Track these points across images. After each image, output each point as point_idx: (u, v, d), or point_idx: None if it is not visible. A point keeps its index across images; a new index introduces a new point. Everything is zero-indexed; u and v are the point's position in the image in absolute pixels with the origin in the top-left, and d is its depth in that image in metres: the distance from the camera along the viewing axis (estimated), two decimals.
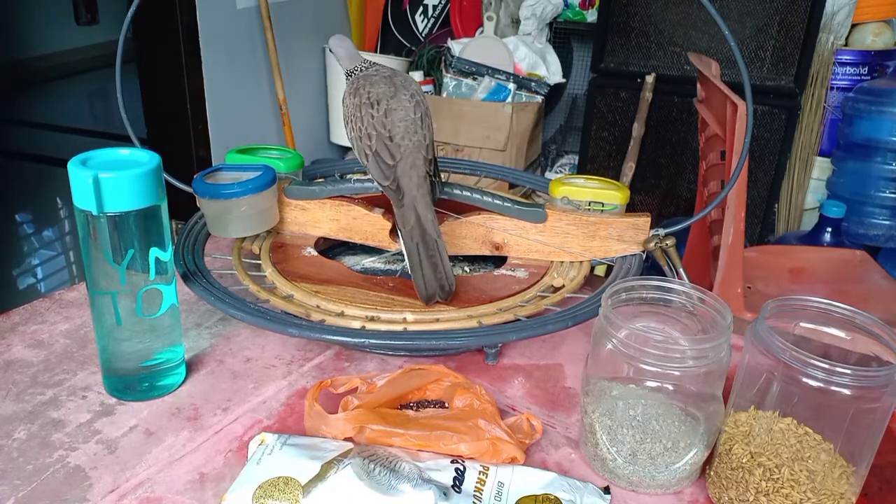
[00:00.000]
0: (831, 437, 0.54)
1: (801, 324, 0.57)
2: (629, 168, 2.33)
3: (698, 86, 1.55)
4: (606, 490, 0.58)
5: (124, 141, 0.75)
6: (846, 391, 0.50)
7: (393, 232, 0.86)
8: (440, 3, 2.88)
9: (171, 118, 2.25)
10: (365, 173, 0.84)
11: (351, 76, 0.81)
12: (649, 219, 0.82)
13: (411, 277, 0.75)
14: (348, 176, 1.03)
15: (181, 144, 2.26)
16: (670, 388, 0.58)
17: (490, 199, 0.82)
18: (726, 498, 0.57)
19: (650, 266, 0.82)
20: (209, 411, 0.67)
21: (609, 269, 0.84)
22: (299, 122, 2.63)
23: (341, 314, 0.73)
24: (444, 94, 2.60)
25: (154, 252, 0.63)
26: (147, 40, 2.18)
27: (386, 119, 0.76)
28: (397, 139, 0.76)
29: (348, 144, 2.85)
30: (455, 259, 0.92)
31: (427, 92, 2.68)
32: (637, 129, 2.32)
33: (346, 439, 0.60)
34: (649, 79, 2.29)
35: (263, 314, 0.70)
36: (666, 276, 0.77)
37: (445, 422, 0.61)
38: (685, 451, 0.58)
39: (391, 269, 0.89)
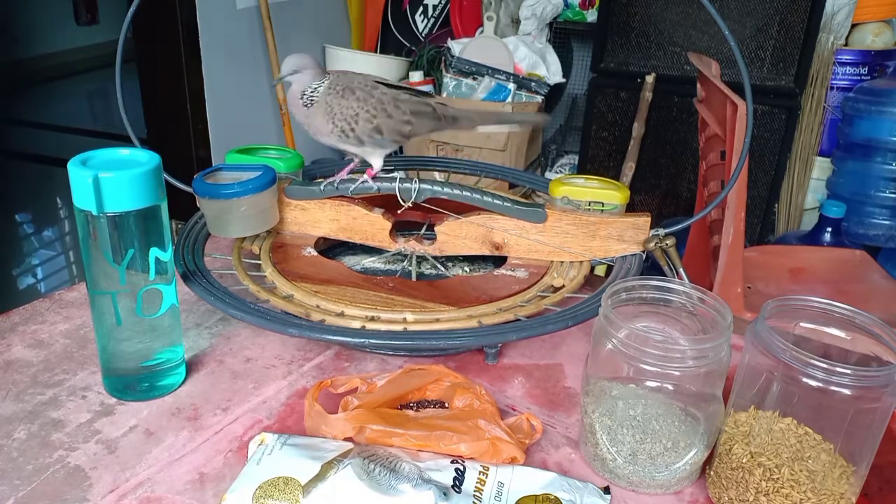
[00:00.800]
0: (831, 437, 0.54)
1: (801, 324, 0.57)
2: (629, 168, 2.33)
3: (698, 86, 1.55)
4: (606, 490, 0.58)
5: (124, 141, 0.75)
6: (846, 391, 0.50)
7: (393, 232, 0.87)
8: (440, 3, 2.88)
9: (171, 118, 2.25)
10: (363, 172, 0.84)
11: (320, 86, 0.81)
12: (649, 219, 0.82)
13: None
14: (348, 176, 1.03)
15: (181, 144, 2.26)
16: (670, 388, 0.58)
17: (490, 199, 0.82)
18: (726, 498, 0.57)
19: (650, 266, 0.82)
20: (209, 411, 0.67)
21: (609, 269, 0.84)
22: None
23: (341, 314, 0.73)
24: (444, 94, 2.60)
25: (154, 252, 0.63)
26: (147, 40, 2.18)
27: (391, 91, 0.82)
28: (412, 96, 0.83)
29: None
30: (455, 259, 0.92)
31: (427, 92, 2.67)
32: (637, 129, 2.32)
33: (346, 439, 0.60)
34: (649, 79, 2.29)
35: (263, 314, 0.70)
36: (666, 276, 0.77)
37: (445, 422, 0.61)
38: (685, 451, 0.58)
39: (391, 269, 0.89)
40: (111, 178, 0.59)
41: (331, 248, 0.92)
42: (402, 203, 0.84)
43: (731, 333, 0.57)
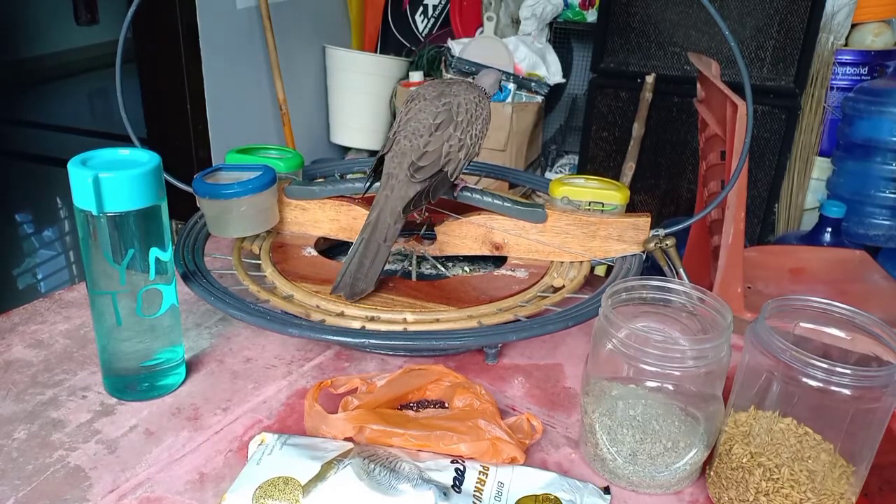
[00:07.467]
0: (831, 437, 0.54)
1: (801, 324, 0.57)
2: (629, 168, 2.33)
3: (698, 86, 1.55)
4: (606, 490, 0.58)
5: (124, 141, 0.75)
6: (846, 391, 0.50)
7: None
8: (440, 3, 2.88)
9: (171, 118, 2.25)
10: (364, 173, 0.84)
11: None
12: (649, 219, 0.82)
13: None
14: (348, 176, 1.03)
15: (181, 144, 2.26)
16: (670, 388, 0.58)
17: (490, 199, 0.82)
18: (726, 498, 0.57)
19: (650, 266, 0.82)
20: (209, 411, 0.67)
21: (609, 269, 0.84)
22: (299, 122, 2.63)
23: (341, 314, 0.73)
24: None
25: (154, 252, 0.63)
26: (147, 40, 2.18)
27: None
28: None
29: (348, 144, 2.87)
30: (455, 259, 0.92)
31: None
32: (637, 129, 2.32)
33: (346, 439, 0.60)
34: (649, 79, 2.29)
35: (263, 314, 0.70)
36: (666, 276, 0.76)
37: (445, 422, 0.61)
38: (685, 451, 0.58)
39: (391, 269, 0.89)
40: (111, 178, 0.59)
41: (331, 248, 0.92)
42: (416, 215, 0.84)
43: (731, 333, 0.57)
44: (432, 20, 2.92)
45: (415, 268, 0.88)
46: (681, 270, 0.80)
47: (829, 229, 1.87)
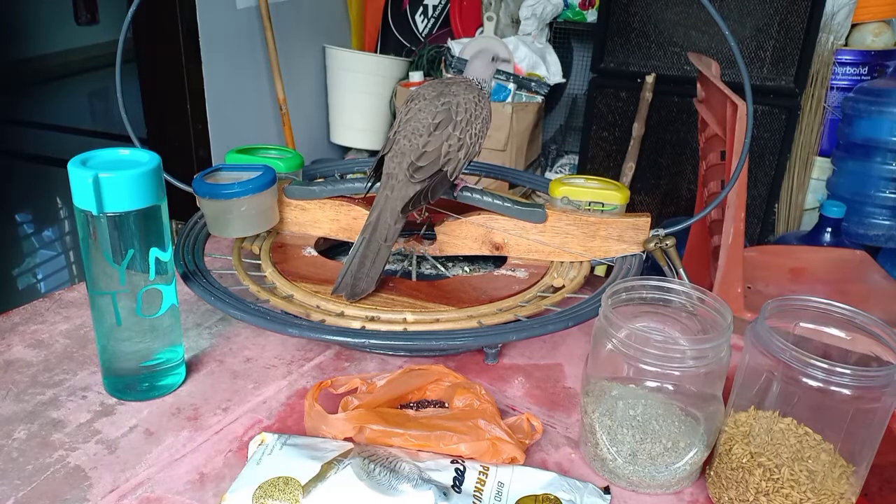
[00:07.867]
0: (831, 437, 0.54)
1: (801, 324, 0.57)
2: (629, 168, 2.33)
3: (698, 86, 1.55)
4: (606, 490, 0.58)
5: (124, 141, 0.75)
6: (846, 391, 0.50)
7: None
8: (440, 3, 2.88)
9: (171, 118, 2.24)
10: (364, 173, 0.85)
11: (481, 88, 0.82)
12: (649, 219, 0.82)
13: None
14: (348, 176, 1.03)
15: (181, 144, 2.26)
16: (670, 388, 0.58)
17: (490, 199, 0.82)
18: (726, 498, 0.57)
19: (650, 266, 0.82)
20: (209, 411, 0.67)
21: (609, 269, 0.84)
22: (299, 122, 2.63)
23: (341, 314, 0.73)
24: None
25: (154, 252, 0.63)
26: (147, 40, 2.18)
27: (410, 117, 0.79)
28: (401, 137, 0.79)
29: (348, 144, 2.87)
30: (455, 259, 0.92)
31: None
32: (637, 129, 2.32)
33: (346, 439, 0.60)
34: (649, 79, 2.29)
35: (263, 314, 0.70)
36: (666, 276, 0.76)
37: (445, 422, 0.61)
38: (685, 451, 0.58)
39: (391, 269, 0.89)
40: (111, 178, 0.59)
41: (331, 248, 0.92)
42: (416, 215, 0.84)
43: (731, 333, 0.57)
44: (432, 20, 2.92)
45: (415, 268, 0.88)
46: (681, 270, 0.80)
47: (829, 229, 1.87)
